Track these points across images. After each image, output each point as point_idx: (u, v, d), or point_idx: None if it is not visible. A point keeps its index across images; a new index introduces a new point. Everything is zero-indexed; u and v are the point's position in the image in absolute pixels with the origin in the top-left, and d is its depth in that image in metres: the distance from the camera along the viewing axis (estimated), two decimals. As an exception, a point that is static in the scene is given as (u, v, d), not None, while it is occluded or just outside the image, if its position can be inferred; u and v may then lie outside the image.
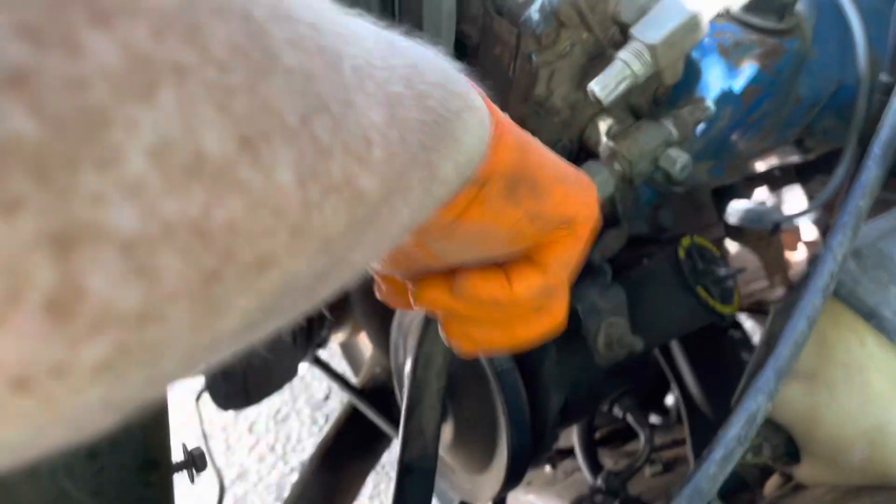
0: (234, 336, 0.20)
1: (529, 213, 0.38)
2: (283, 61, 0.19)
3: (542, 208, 0.38)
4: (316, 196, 0.20)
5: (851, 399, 0.60)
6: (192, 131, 0.16)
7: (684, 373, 0.96)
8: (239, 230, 0.17)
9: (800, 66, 0.73)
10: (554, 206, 0.39)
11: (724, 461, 0.45)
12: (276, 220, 0.19)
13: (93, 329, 0.15)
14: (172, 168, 0.16)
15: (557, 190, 0.39)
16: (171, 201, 0.16)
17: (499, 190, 0.36)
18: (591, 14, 0.56)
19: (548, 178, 0.38)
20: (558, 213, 0.39)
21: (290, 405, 1.95)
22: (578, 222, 0.41)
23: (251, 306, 0.19)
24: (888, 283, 0.57)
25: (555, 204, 0.39)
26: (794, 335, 0.51)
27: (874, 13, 0.79)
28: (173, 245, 0.16)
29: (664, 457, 1.10)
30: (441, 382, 0.59)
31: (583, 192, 0.41)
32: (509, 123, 0.37)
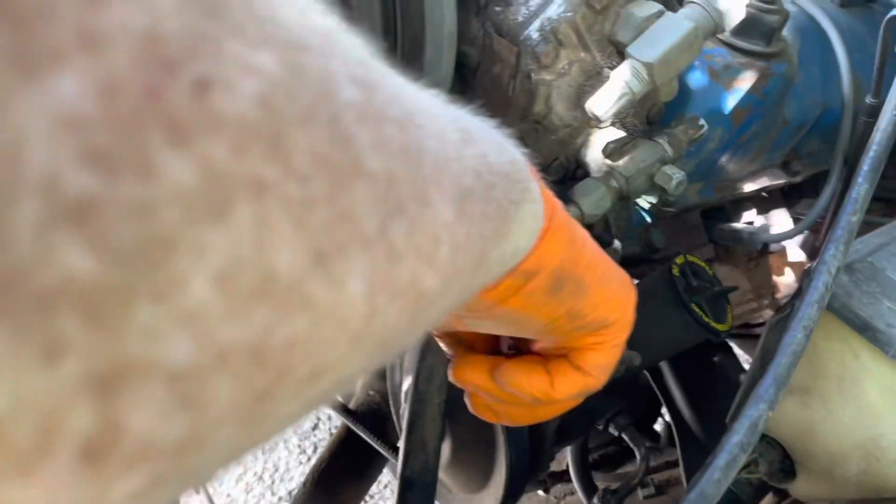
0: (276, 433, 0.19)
1: (570, 312, 0.38)
2: (368, 166, 0.17)
3: (583, 309, 0.38)
4: (383, 304, 0.18)
5: (846, 412, 0.61)
6: (264, 251, 0.14)
7: (675, 394, 0.97)
8: (299, 348, 0.16)
9: (787, 88, 0.75)
10: (594, 308, 0.39)
11: (727, 467, 0.45)
12: (338, 332, 0.17)
13: (129, 466, 0.13)
14: (238, 292, 0.14)
15: (601, 293, 0.39)
16: (231, 327, 0.14)
17: (544, 285, 0.36)
18: (589, 33, 0.58)
19: (594, 279, 0.38)
20: (599, 317, 0.39)
21: (277, 435, 1.93)
22: (618, 326, 0.41)
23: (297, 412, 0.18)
24: (881, 297, 0.58)
25: (595, 306, 0.39)
26: (793, 345, 0.52)
27: (856, 38, 0.82)
28: (226, 371, 0.14)
29: (656, 479, 1.10)
30: (442, 396, 0.59)
31: (624, 295, 0.41)
32: (563, 216, 0.36)
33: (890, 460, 0.59)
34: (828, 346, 0.60)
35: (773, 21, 0.70)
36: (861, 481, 0.61)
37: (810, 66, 0.79)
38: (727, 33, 0.73)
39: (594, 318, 0.39)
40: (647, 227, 0.80)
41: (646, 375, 1.00)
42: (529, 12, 0.58)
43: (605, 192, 0.61)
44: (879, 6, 0.89)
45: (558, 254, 0.35)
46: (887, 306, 0.57)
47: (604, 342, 0.41)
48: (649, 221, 0.80)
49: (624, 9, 0.58)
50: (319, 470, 1.08)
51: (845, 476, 0.62)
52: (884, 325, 0.56)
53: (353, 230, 0.17)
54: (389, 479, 1.63)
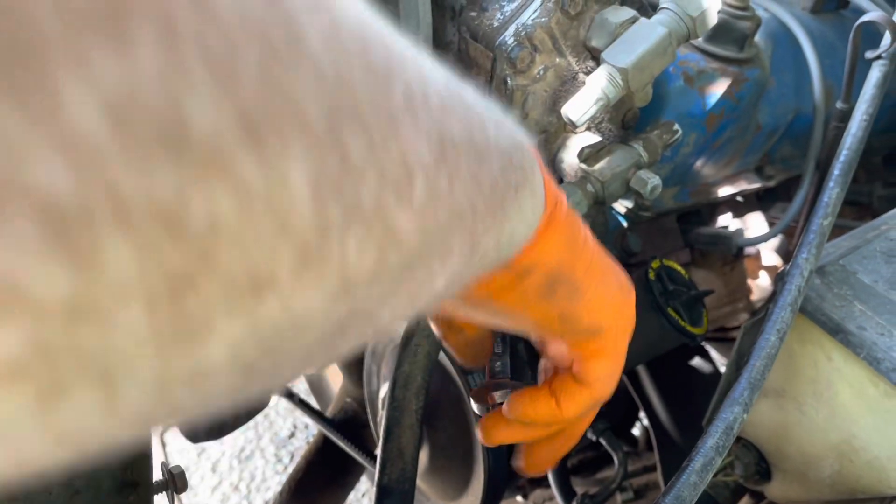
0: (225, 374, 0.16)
1: (563, 315, 0.37)
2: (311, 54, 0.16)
3: (576, 313, 0.37)
4: (337, 219, 0.17)
5: (820, 414, 0.61)
6: (171, 93, 0.13)
7: (652, 398, 0.97)
8: (223, 232, 0.14)
9: (760, 93, 0.76)
10: (589, 313, 0.38)
11: (703, 470, 0.46)
12: (277, 233, 0.15)
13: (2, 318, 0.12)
14: (137, 134, 0.12)
15: (597, 298, 0.38)
16: (127, 173, 0.12)
17: (538, 285, 0.35)
18: (564, 39, 0.58)
19: (591, 283, 0.37)
20: (594, 322, 0.38)
21: (254, 443, 1.91)
22: (615, 332, 0.40)
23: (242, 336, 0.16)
24: (852, 299, 0.58)
25: (590, 311, 0.38)
26: (766, 348, 0.52)
27: (827, 44, 0.83)
28: (123, 227, 0.12)
29: (635, 484, 1.10)
30: (420, 403, 0.59)
31: (622, 300, 0.40)
32: (566, 214, 0.35)
33: (863, 461, 0.59)
34: (801, 349, 0.61)
35: (745, 27, 0.71)
36: (835, 482, 0.62)
37: (782, 71, 0.80)
38: (700, 39, 0.73)
39: (589, 324, 0.38)
40: (624, 232, 0.80)
41: (623, 380, 1.00)
42: (504, 17, 0.58)
43: (581, 196, 0.61)
44: (849, 13, 0.90)
45: (555, 254, 0.35)
46: (859, 309, 0.57)
47: (603, 349, 0.40)
48: (625, 226, 0.80)
49: (598, 14, 0.58)
50: (296, 479, 1.07)
51: (820, 477, 0.63)
52: (855, 328, 0.56)
53: (290, 111, 0.15)
54: (367, 488, 1.62)
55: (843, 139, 0.64)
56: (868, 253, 0.62)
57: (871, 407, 0.57)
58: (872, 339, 0.55)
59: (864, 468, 0.59)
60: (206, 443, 1.22)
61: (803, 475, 0.65)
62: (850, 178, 0.63)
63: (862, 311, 0.57)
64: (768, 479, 0.68)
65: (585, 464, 1.19)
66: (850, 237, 0.65)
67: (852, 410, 0.59)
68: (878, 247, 0.63)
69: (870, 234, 0.65)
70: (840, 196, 0.61)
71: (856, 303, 0.58)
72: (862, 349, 0.55)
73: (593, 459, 1.20)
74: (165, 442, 1.03)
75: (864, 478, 0.60)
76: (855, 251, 0.62)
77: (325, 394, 1.44)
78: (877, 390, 0.56)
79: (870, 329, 0.56)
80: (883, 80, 0.66)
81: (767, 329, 0.54)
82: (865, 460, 0.59)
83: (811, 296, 0.58)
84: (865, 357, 0.55)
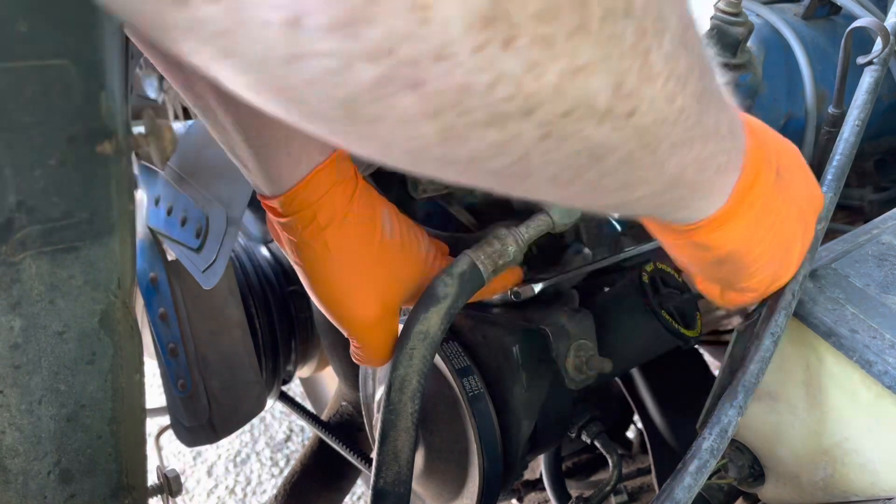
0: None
1: (724, 279, 0.48)
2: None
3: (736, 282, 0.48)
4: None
5: (812, 417, 0.62)
6: None
7: (647, 401, 0.98)
8: None
9: (752, 98, 0.76)
10: (746, 281, 0.48)
11: (697, 473, 0.46)
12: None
13: None
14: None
15: (759, 277, 0.48)
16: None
17: (711, 259, 0.43)
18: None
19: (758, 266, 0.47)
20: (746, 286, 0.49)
21: (249, 447, 1.91)
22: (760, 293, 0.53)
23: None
24: (844, 303, 0.59)
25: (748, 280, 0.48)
26: (761, 351, 0.53)
27: (818, 50, 0.83)
28: None
29: (629, 486, 1.11)
30: (416, 406, 0.59)
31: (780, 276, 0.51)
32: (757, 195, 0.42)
33: (855, 464, 0.60)
34: (794, 352, 0.61)
35: (737, 33, 0.71)
36: (828, 485, 0.62)
37: (775, 76, 0.80)
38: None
39: (744, 287, 0.48)
40: (617, 236, 0.81)
41: (617, 383, 1.00)
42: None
43: (576, 201, 0.62)
44: (841, 19, 0.91)
45: (733, 241, 0.42)
46: (851, 312, 0.58)
47: (745, 299, 0.52)
48: (619, 230, 0.81)
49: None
50: (292, 482, 1.07)
51: (813, 480, 0.63)
52: (847, 331, 0.57)
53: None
54: (363, 491, 1.62)
55: (836, 144, 0.64)
56: (860, 257, 0.63)
57: (863, 410, 0.58)
58: (864, 343, 0.55)
59: (856, 471, 0.60)
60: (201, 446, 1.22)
61: (796, 478, 0.65)
62: (843, 182, 0.63)
63: (854, 314, 0.58)
64: (762, 481, 0.69)
65: (580, 466, 1.19)
66: (842, 241, 0.65)
67: (845, 413, 0.59)
68: (870, 250, 0.63)
69: (862, 238, 0.65)
70: (833, 200, 0.62)
71: (848, 306, 0.59)
72: (854, 352, 0.56)
73: (588, 462, 1.20)
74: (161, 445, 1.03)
75: (856, 481, 0.60)
76: (847, 255, 0.63)
77: (320, 397, 1.45)
78: (869, 393, 0.57)
79: (862, 332, 0.56)
80: (875, 85, 0.67)
81: (761, 333, 0.54)
82: (858, 463, 0.59)
83: (804, 299, 0.59)
84: (858, 360, 0.55)
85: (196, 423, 0.81)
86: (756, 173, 0.42)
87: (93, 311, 0.44)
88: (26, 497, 0.43)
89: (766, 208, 0.44)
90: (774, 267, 0.50)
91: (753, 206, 0.42)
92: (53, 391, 0.44)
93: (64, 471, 0.44)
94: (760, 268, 0.48)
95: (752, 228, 0.43)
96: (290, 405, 1.08)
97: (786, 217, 0.48)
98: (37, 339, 0.42)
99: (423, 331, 0.59)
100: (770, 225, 0.45)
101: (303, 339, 1.05)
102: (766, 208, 0.44)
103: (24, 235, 0.40)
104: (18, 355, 0.42)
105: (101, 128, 0.40)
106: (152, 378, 0.97)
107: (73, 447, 0.45)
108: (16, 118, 0.37)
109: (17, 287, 0.41)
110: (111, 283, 0.44)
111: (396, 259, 0.61)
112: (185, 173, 0.71)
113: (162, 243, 0.79)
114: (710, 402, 0.65)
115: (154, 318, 0.81)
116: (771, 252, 0.47)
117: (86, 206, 0.41)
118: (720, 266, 0.46)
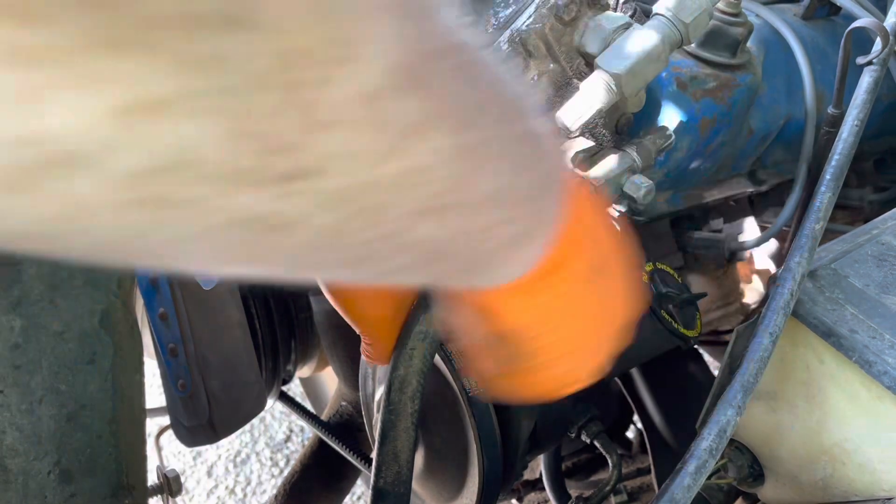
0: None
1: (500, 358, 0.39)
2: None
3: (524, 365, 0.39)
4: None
5: (812, 416, 0.62)
6: None
7: (646, 401, 0.98)
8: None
9: (752, 98, 0.76)
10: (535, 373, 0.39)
11: (697, 473, 0.46)
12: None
13: None
14: None
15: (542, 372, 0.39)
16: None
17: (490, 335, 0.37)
18: (558, 45, 0.59)
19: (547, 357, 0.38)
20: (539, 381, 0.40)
21: (249, 447, 1.91)
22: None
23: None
24: (844, 303, 0.59)
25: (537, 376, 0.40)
26: (759, 351, 0.53)
27: (818, 50, 0.83)
28: None
29: (629, 486, 1.11)
30: (415, 406, 0.59)
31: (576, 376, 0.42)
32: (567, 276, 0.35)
33: (855, 464, 0.60)
34: (793, 352, 0.61)
35: (737, 33, 0.71)
36: (828, 485, 0.62)
37: (774, 77, 0.80)
38: (693, 45, 0.74)
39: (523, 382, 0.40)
40: (617, 236, 0.81)
41: (617, 382, 1.00)
42: (499, 23, 0.58)
43: (575, 201, 0.62)
44: (841, 19, 0.91)
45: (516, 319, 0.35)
46: (850, 312, 0.58)
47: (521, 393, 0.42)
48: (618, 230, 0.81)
49: (592, 20, 0.59)
50: (292, 482, 1.07)
51: (812, 480, 0.63)
52: (847, 331, 0.57)
53: None
54: (363, 491, 1.62)
55: (835, 144, 0.64)
56: (859, 257, 0.63)
57: (862, 410, 0.58)
58: (864, 343, 0.55)
59: (855, 471, 0.60)
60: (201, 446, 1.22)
61: (796, 478, 0.65)
62: (841, 182, 0.64)
63: (854, 314, 0.58)
64: (761, 481, 0.69)
65: (580, 466, 1.19)
66: (841, 241, 0.65)
67: (844, 413, 0.59)
68: (870, 251, 0.63)
69: (861, 238, 0.65)
70: (832, 200, 0.62)
71: (847, 306, 0.59)
72: (854, 352, 0.56)
73: (588, 462, 1.20)
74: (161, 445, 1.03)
75: (856, 481, 0.60)
76: (846, 255, 0.63)
77: (320, 397, 1.45)
78: (868, 393, 0.57)
79: (861, 332, 0.56)
80: (874, 85, 0.67)
81: (760, 332, 0.55)
82: (857, 463, 0.59)
83: (803, 299, 0.59)
84: (857, 360, 0.55)
85: (196, 423, 0.81)
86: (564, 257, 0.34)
87: (93, 311, 0.44)
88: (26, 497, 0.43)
89: (568, 295, 0.36)
90: (566, 366, 0.40)
91: (554, 288, 0.34)
92: (54, 391, 0.44)
93: (64, 470, 0.44)
94: (547, 362, 0.38)
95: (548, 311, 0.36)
96: (290, 405, 1.08)
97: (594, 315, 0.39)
98: (37, 339, 0.42)
99: (422, 331, 0.59)
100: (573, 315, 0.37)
101: (303, 339, 1.05)
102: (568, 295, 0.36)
103: (25, 235, 0.39)
104: (19, 355, 0.42)
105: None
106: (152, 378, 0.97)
107: (73, 447, 0.45)
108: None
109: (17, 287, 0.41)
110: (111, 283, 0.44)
111: None
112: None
113: (162, 243, 0.79)
114: (710, 403, 0.65)
115: (154, 318, 0.81)
116: (564, 345, 0.38)
117: (86, 206, 0.41)
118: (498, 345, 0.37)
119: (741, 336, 0.64)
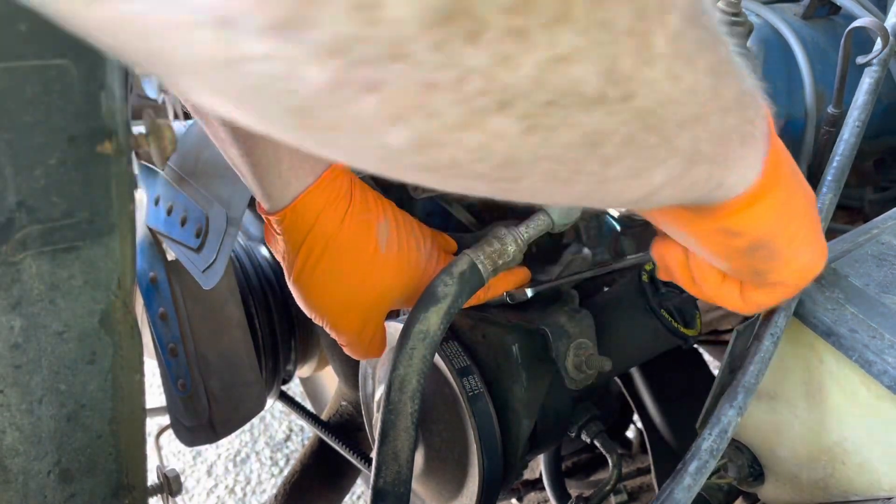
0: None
1: (756, 270, 0.44)
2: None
3: (768, 272, 0.45)
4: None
5: (812, 416, 0.62)
6: None
7: (646, 400, 0.98)
8: None
9: (752, 99, 0.76)
10: (779, 272, 0.45)
11: (697, 472, 0.46)
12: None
13: None
14: None
15: (792, 264, 0.45)
16: None
17: (742, 246, 0.41)
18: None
19: (791, 251, 0.44)
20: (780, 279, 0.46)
21: (249, 446, 1.91)
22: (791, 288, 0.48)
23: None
24: (844, 303, 0.59)
25: (780, 272, 0.45)
26: (760, 352, 0.53)
27: (818, 50, 0.83)
28: None
29: (629, 486, 1.11)
30: (415, 406, 0.59)
31: (812, 267, 0.47)
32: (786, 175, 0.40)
33: (855, 463, 0.60)
34: (793, 352, 0.61)
35: (737, 33, 0.71)
36: (828, 484, 0.62)
37: (774, 76, 0.80)
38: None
39: (775, 279, 0.46)
40: (617, 236, 0.81)
41: (617, 382, 1.00)
42: None
43: (576, 201, 0.62)
44: (841, 19, 0.91)
45: (764, 224, 0.40)
46: (851, 312, 0.58)
47: (774, 295, 0.48)
48: (619, 230, 0.81)
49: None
50: (292, 482, 1.07)
51: (812, 479, 0.63)
52: (847, 331, 0.57)
53: None
54: (362, 490, 1.62)
55: (836, 145, 0.64)
56: (860, 257, 0.63)
57: (862, 409, 0.58)
58: (864, 342, 0.55)
59: (855, 471, 0.60)
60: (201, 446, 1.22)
61: (796, 477, 0.65)
62: (842, 183, 0.64)
63: (854, 314, 0.58)
64: (762, 481, 0.69)
65: (580, 466, 1.20)
66: (841, 241, 0.65)
67: (844, 413, 0.59)
68: (870, 250, 0.63)
69: (861, 238, 0.65)
70: (833, 201, 0.62)
71: (848, 306, 0.59)
72: (854, 352, 0.56)
73: (588, 462, 1.20)
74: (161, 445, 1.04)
75: (856, 480, 0.60)
76: (847, 255, 0.63)
77: (320, 397, 1.44)
78: (868, 393, 0.57)
79: (861, 332, 0.56)
80: (875, 85, 0.67)
81: (761, 333, 0.55)
82: (857, 463, 0.59)
83: (804, 299, 0.59)
84: (857, 360, 0.55)
85: (196, 422, 0.81)
86: (777, 160, 0.40)
87: (93, 310, 0.44)
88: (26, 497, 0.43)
89: (794, 185, 0.42)
90: (809, 252, 0.46)
91: (786, 179, 0.40)
92: (53, 391, 0.44)
93: (64, 470, 0.44)
94: (795, 252, 0.44)
95: (785, 205, 0.41)
96: (290, 405, 1.08)
97: (811, 199, 0.46)
98: (37, 339, 0.42)
99: (422, 330, 0.59)
100: (799, 203, 0.43)
101: (303, 339, 1.05)
102: (794, 185, 0.42)
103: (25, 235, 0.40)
104: (19, 355, 0.42)
105: (101, 127, 0.40)
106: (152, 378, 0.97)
107: (73, 447, 0.45)
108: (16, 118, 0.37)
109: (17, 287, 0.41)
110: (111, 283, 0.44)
111: (388, 273, 0.64)
112: (185, 173, 0.71)
113: (162, 243, 0.79)
114: (710, 402, 0.65)
115: (154, 318, 0.81)
116: (804, 232, 0.44)
117: (86, 205, 0.41)
118: (752, 254, 0.42)
119: (741, 336, 0.64)
